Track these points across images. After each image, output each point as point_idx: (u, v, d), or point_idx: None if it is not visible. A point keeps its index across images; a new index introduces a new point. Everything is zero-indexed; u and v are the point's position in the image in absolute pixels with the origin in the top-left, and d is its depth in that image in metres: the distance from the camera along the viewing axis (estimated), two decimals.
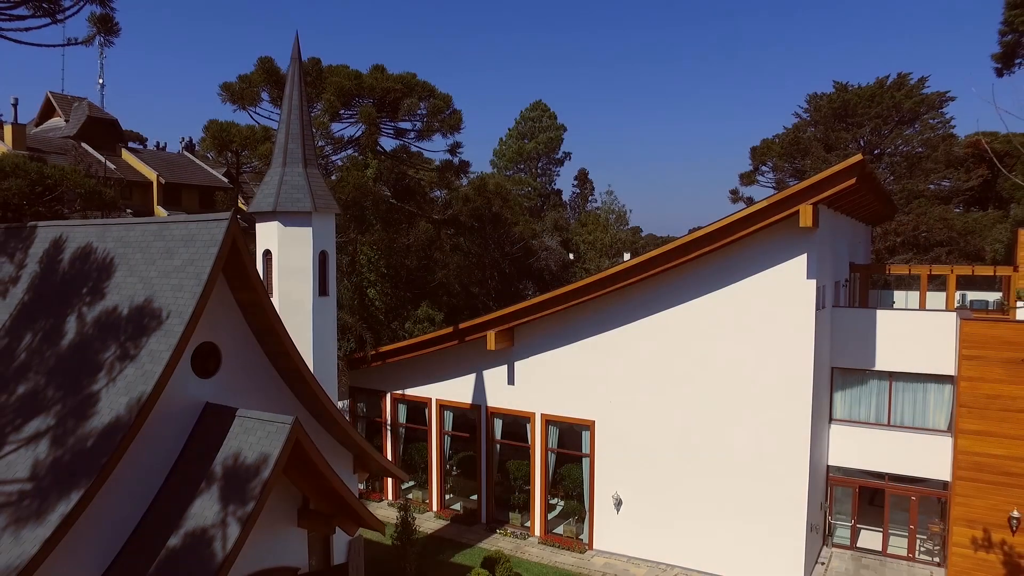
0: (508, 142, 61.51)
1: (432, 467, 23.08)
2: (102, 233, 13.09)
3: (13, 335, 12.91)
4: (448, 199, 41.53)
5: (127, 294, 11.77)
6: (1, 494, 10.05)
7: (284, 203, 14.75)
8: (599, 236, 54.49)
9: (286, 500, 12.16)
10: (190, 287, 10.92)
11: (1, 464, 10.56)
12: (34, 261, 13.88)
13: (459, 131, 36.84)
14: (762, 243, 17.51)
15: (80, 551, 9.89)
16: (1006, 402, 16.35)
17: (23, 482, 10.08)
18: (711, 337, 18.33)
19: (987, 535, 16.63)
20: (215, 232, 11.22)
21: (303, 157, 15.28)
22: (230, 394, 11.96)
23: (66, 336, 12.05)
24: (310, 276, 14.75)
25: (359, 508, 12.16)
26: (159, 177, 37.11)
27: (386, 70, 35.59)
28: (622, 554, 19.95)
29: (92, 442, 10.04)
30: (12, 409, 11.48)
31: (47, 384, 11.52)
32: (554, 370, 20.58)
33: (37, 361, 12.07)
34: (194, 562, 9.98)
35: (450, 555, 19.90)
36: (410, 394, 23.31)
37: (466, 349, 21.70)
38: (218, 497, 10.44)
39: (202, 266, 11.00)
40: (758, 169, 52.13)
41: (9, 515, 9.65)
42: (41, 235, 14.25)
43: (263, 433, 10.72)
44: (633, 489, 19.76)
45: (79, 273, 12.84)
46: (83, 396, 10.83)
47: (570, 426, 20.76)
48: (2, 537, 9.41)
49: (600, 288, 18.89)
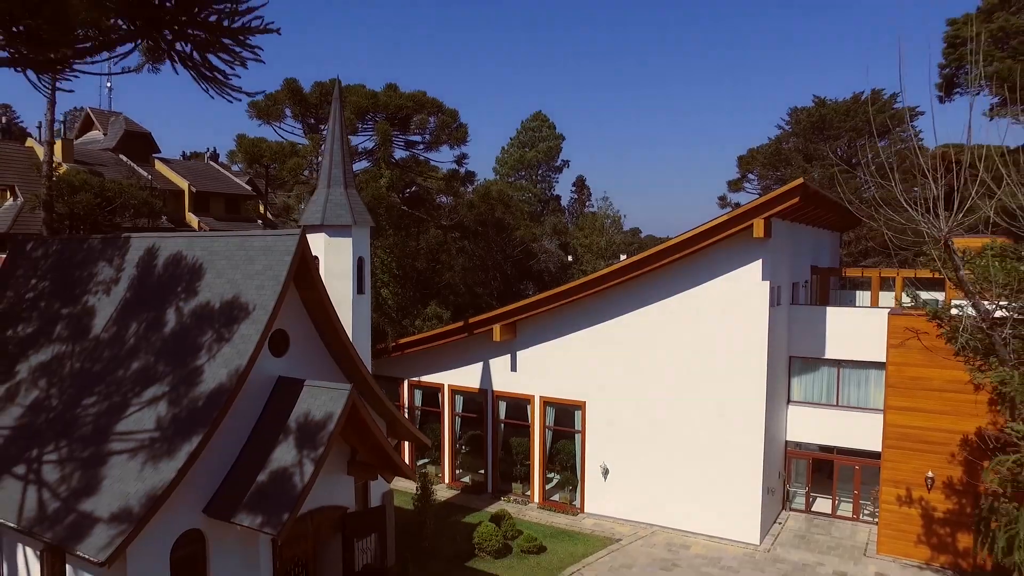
0: (510, 150, 64.91)
1: (444, 444, 26.46)
2: (190, 243, 16.48)
3: (120, 324, 16.29)
4: (455, 205, 44.83)
5: (217, 292, 15.14)
6: (136, 440, 13.42)
7: (329, 218, 18.11)
8: (595, 239, 57.78)
9: (339, 454, 15.50)
10: (271, 286, 14.29)
11: (131, 419, 13.93)
12: (131, 265, 17.25)
13: (465, 143, 40.35)
14: (725, 250, 20.89)
15: (196, 481, 13.26)
16: (925, 382, 19.71)
17: (151, 431, 13.46)
18: (682, 329, 21.72)
19: (909, 493, 20.02)
20: (289, 244, 14.60)
21: (344, 180, 18.65)
22: (296, 370, 15.32)
23: (167, 325, 15.43)
24: (351, 278, 18.11)
25: (397, 460, 15.54)
26: (190, 186, 40.47)
27: (398, 88, 38.92)
28: (609, 516, 23.30)
29: (203, 402, 13.42)
30: (130, 380, 14.86)
31: (156, 361, 14.90)
32: (551, 358, 23.96)
33: (145, 344, 15.45)
34: (278, 494, 13.35)
35: (461, 516, 23.28)
36: (425, 381, 26.69)
37: (474, 341, 25.07)
38: (294, 445, 13.81)
39: (279, 270, 14.38)
40: (745, 177, 55.55)
41: (146, 453, 13.03)
42: (135, 244, 17.64)
43: (327, 397, 14.09)
44: (618, 461, 23.12)
45: (173, 275, 16.21)
46: (190, 369, 14.21)
47: (564, 406, 24.14)
48: (144, 468, 12.79)
49: (589, 288, 22.29)
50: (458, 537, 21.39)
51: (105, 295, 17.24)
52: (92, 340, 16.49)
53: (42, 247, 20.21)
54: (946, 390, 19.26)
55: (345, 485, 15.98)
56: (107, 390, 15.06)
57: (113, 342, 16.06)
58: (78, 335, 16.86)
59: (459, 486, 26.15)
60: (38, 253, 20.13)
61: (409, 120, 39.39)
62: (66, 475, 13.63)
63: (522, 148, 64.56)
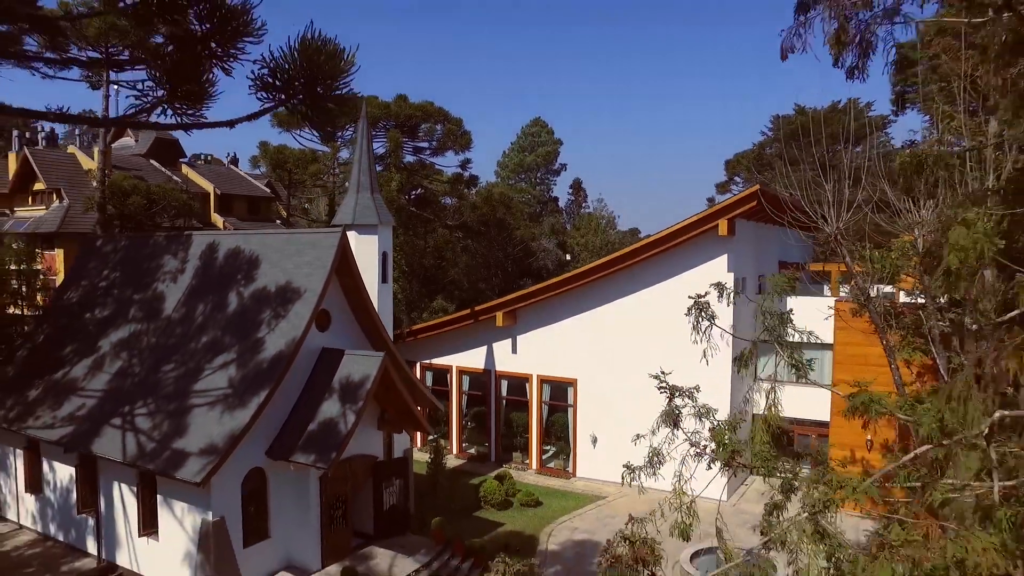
0: (510, 155, 68.35)
1: (452, 419, 29.85)
2: (246, 239, 19.87)
3: (189, 306, 19.68)
4: (459, 207, 48.20)
5: (272, 279, 18.53)
6: (212, 396, 16.81)
7: (359, 219, 21.48)
8: (591, 239, 61.21)
9: (371, 413, 18.86)
10: (319, 274, 17.67)
11: (206, 380, 17.32)
12: (194, 258, 20.65)
13: (469, 149, 43.78)
14: (696, 246, 24.27)
15: (261, 428, 16.62)
16: (864, 359, 23.08)
17: (225, 389, 16.85)
18: (657, 314, 25.10)
19: (852, 454, 23.41)
20: (332, 240, 17.99)
21: (371, 187, 22.03)
22: (335, 342, 18.68)
23: (230, 306, 18.82)
24: (377, 269, 21.47)
25: (418, 416, 18.94)
26: (215, 189, 43.86)
27: (408, 99, 42.27)
28: (597, 479, 26.67)
29: (266, 365, 16.80)
30: (202, 350, 18.25)
31: (223, 335, 18.29)
32: (547, 341, 27.35)
33: (212, 322, 18.84)
34: (326, 439, 16.72)
35: (468, 479, 26.65)
36: (436, 363, 30.07)
37: (480, 326, 28.46)
38: (338, 401, 17.19)
39: (325, 261, 17.76)
40: (731, 179, 59.01)
41: (223, 406, 16.41)
42: (196, 240, 21.04)
43: (365, 363, 17.48)
44: (605, 430, 26.50)
45: (233, 265, 19.60)
46: (253, 340, 17.59)
47: (559, 383, 27.54)
48: (222, 416, 16.18)
49: (579, 280, 25.70)
50: (466, 494, 24.77)
51: (172, 283, 20.64)
52: (164, 319, 19.90)
53: (111, 244, 23.63)
54: (881, 364, 22.63)
55: (376, 439, 19.37)
56: (182, 359, 18.47)
57: (184, 321, 19.46)
58: (151, 316, 20.26)
59: (466, 456, 29.54)
60: (107, 248, 23.54)
61: (417, 128, 42.90)
62: (157, 424, 17.04)
63: (522, 152, 67.97)
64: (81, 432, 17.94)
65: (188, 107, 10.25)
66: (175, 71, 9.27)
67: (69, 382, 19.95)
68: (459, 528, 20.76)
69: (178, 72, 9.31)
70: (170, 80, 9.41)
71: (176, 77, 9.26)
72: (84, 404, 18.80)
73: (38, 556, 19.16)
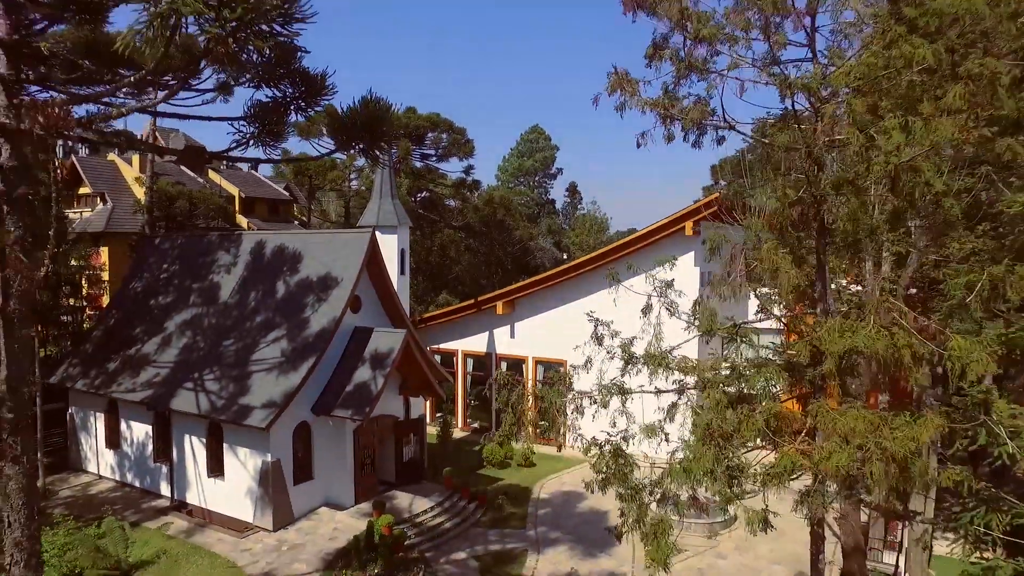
0: (510, 159, 72.50)
1: (458, 398, 33.91)
2: (291, 238, 23.96)
3: (242, 293, 23.77)
4: (462, 209, 52.20)
5: (314, 270, 22.61)
6: (268, 364, 20.90)
7: (382, 220, 25.55)
8: (586, 238, 65.33)
9: (394, 380, 22.92)
10: (353, 266, 21.75)
11: (262, 351, 21.42)
12: (245, 253, 24.73)
13: (472, 156, 47.87)
14: (670, 243, 28.30)
15: (307, 390, 20.69)
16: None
17: (279, 358, 20.93)
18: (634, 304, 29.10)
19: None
20: (364, 239, 22.08)
21: (391, 193, 26.11)
22: (365, 322, 22.76)
23: (279, 292, 22.90)
24: (396, 263, 25.53)
25: (433, 383, 23.02)
26: (240, 192, 47.94)
27: (416, 111, 46.27)
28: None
29: (312, 339, 20.89)
30: (256, 328, 22.34)
31: (274, 316, 22.37)
32: (541, 327, 31.42)
33: (263, 306, 22.92)
34: (360, 398, 20.80)
35: (472, 447, 30.74)
36: (443, 347, 34.15)
37: (483, 315, 32.52)
38: (369, 368, 21.26)
39: (358, 255, 21.83)
40: (717, 183, 63.03)
41: (278, 371, 20.50)
42: (246, 239, 25.14)
43: (390, 338, 21.56)
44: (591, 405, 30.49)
45: (279, 259, 23.68)
46: (299, 320, 21.67)
47: (551, 364, 31.61)
48: (278, 379, 20.27)
49: (568, 274, 29.79)
50: (470, 457, 28.86)
51: (227, 274, 24.72)
52: (222, 304, 23.98)
53: (168, 241, 27.74)
54: None
55: (397, 402, 23.45)
56: (240, 335, 22.57)
57: (239, 305, 23.56)
58: (210, 301, 24.35)
59: (469, 429, 33.61)
60: (165, 246, 27.65)
61: (424, 136, 47.00)
62: (224, 386, 21.14)
63: (521, 157, 72.11)
64: (160, 394, 22.04)
65: (272, 141, 14.51)
66: (264, 116, 13.48)
67: (142, 356, 24.03)
68: (465, 481, 24.86)
69: (267, 117, 13.52)
70: (258, 122, 13.61)
71: (265, 122, 13.47)
72: (159, 372, 22.89)
73: (120, 498, 23.26)
